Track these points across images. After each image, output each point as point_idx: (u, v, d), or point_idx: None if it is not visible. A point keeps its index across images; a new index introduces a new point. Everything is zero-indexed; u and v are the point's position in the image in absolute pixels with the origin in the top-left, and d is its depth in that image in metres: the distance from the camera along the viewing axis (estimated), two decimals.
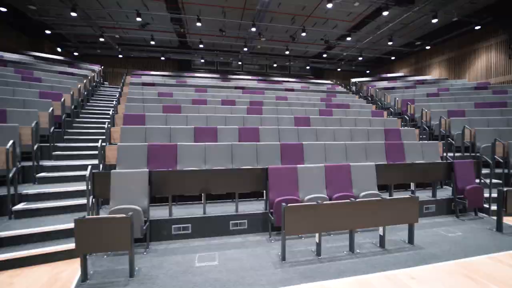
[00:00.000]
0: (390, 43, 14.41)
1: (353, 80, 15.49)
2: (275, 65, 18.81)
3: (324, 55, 18.24)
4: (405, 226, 3.81)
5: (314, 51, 18.64)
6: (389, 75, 17.20)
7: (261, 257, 3.04)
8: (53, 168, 4.53)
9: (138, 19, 10.78)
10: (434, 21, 11.18)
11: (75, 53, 15.83)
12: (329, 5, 9.71)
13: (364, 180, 4.10)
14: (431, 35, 14.84)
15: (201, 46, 15.18)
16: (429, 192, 4.91)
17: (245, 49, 14.87)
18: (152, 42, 14.23)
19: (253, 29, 11.89)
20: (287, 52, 15.99)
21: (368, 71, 21.65)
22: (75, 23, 12.47)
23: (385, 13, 11.06)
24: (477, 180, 4.75)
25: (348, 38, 14.41)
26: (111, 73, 17.38)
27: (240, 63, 18.91)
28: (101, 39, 13.09)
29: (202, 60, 17.83)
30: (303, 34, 12.68)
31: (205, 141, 5.09)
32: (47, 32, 12.97)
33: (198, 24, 11.13)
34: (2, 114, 4.46)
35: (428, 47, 15.36)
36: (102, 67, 12.38)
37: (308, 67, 19.98)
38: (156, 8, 11.67)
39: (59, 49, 14.69)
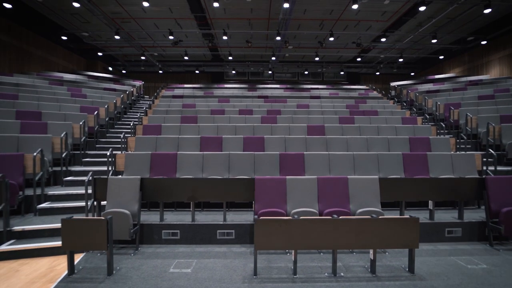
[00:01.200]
0: (434, 40, 12.94)
1: (393, 83, 14.29)
2: (306, 72, 18.49)
3: (359, 59, 17.28)
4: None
5: (349, 56, 17.80)
6: (436, 76, 15.41)
7: (236, 269, 2.99)
8: (80, 172, 5.20)
9: (171, 37, 11.84)
10: (487, 11, 9.69)
11: (123, 71, 18.13)
12: (355, 6, 9.24)
13: (364, 196, 3.72)
14: (487, 28, 12.89)
15: (230, 58, 15.87)
16: (457, 213, 4.20)
17: (273, 58, 15.03)
18: (186, 58, 15.42)
19: (278, 38, 11.95)
20: (317, 59, 15.65)
21: (412, 74, 19.72)
22: (121, 45, 14.30)
23: (421, 9, 10.05)
24: None
25: (383, 39, 13.43)
26: (153, 88, 19.32)
27: (270, 72, 19.12)
28: (143, 57, 14.70)
29: (234, 72, 18.54)
30: (331, 38, 12.26)
31: (210, 151, 5.26)
32: (99, 54, 15.17)
33: (225, 37, 11.69)
34: (43, 126, 5.33)
35: (483, 42, 13.33)
36: (143, 82, 13.86)
37: (342, 73, 19.12)
38: (188, 26, 12.67)
39: (110, 68, 17.05)
